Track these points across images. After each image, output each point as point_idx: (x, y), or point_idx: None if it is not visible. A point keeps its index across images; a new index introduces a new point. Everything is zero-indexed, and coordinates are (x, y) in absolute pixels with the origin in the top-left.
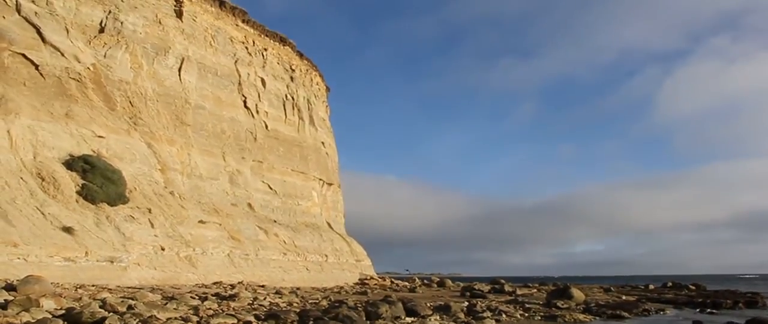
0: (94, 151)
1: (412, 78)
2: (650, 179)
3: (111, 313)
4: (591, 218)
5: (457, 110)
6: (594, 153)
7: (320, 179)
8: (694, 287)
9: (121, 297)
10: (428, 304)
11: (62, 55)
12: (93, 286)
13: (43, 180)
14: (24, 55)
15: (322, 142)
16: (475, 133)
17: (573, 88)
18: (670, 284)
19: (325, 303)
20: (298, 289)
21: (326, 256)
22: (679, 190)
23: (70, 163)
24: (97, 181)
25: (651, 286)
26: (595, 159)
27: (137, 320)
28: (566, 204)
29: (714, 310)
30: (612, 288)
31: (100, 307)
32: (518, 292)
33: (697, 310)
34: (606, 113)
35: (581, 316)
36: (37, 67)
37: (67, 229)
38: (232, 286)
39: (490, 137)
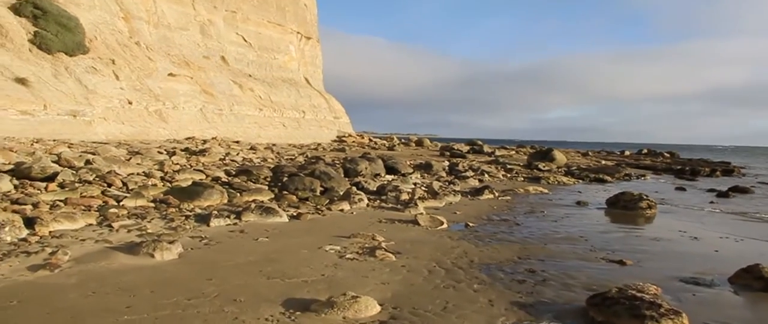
0: None
1: None
2: (629, 52)
3: (65, 168)
4: (568, 86)
5: None
6: (576, 24)
7: (298, 32)
8: (669, 155)
9: (81, 151)
10: (408, 163)
11: None
12: (53, 140)
13: None
14: None
15: None
16: None
17: None
18: (645, 151)
19: (301, 159)
20: (273, 145)
21: (303, 112)
22: (656, 64)
23: (18, 8)
24: (52, 28)
25: (627, 153)
26: (577, 30)
27: (94, 176)
28: (545, 71)
29: (693, 177)
30: (589, 152)
31: (54, 161)
32: (497, 153)
33: (676, 176)
34: None
35: (564, 179)
36: None
37: (21, 81)
38: (205, 142)
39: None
